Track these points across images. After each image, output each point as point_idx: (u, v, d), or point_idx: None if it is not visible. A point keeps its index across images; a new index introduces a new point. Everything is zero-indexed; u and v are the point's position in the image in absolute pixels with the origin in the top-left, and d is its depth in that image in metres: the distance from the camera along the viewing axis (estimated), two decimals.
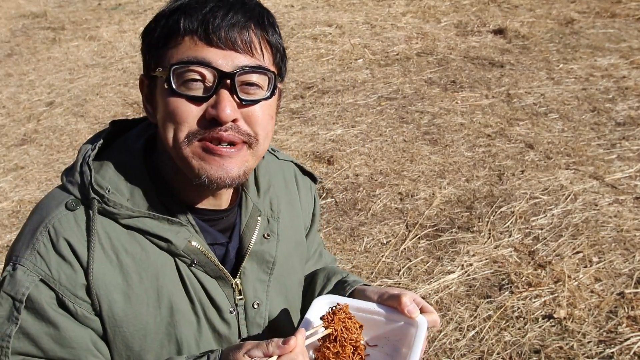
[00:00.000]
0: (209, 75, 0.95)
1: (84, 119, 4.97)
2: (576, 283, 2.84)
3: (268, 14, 1.03)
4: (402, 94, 4.94)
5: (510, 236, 3.19)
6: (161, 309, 1.04)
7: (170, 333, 1.06)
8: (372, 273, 3.01)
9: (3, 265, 1.02)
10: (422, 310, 1.12)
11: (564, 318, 2.64)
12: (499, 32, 6.13)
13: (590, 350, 2.48)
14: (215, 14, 0.95)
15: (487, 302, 2.78)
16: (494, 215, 3.36)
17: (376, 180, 3.78)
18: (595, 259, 2.98)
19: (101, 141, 1.06)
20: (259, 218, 1.15)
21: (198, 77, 0.95)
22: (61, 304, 0.97)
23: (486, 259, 3.04)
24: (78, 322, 0.99)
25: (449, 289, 2.88)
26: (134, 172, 1.03)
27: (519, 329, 2.62)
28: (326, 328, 1.04)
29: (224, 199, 1.11)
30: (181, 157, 0.98)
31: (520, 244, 3.13)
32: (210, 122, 0.96)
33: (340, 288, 1.24)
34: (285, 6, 7.33)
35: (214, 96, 0.96)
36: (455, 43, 5.95)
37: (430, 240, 3.22)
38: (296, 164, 1.33)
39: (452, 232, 3.26)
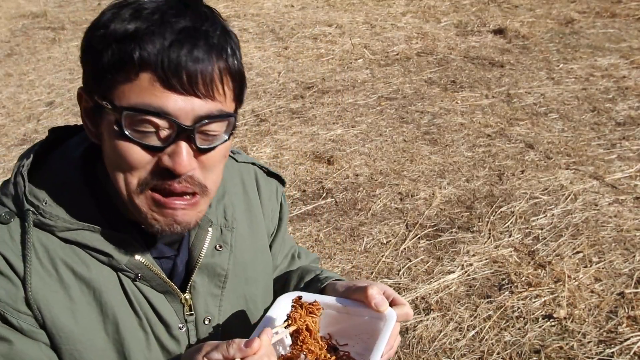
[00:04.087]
0: (166, 126, 0.86)
1: None
2: (576, 283, 2.84)
3: (230, 39, 0.91)
4: (402, 94, 4.94)
5: (510, 236, 3.19)
6: (106, 324, 0.99)
7: (119, 350, 1.00)
8: (372, 273, 3.01)
9: None
10: (392, 303, 1.04)
11: (564, 318, 2.64)
12: (499, 32, 6.13)
13: (590, 350, 2.48)
14: (178, 51, 0.83)
15: (487, 302, 2.78)
16: (494, 215, 3.36)
17: (376, 180, 3.78)
18: (595, 259, 2.99)
19: (37, 149, 1.00)
20: (209, 229, 1.08)
21: (152, 128, 0.86)
22: (4, 321, 0.92)
23: (486, 259, 3.04)
24: (26, 337, 0.94)
25: (449, 289, 2.88)
26: (72, 183, 0.98)
27: (519, 329, 2.62)
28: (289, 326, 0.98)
29: None
30: (133, 204, 0.92)
31: (520, 244, 3.13)
32: (164, 172, 0.89)
33: (314, 287, 1.17)
34: (285, 6, 7.33)
35: (171, 145, 0.88)
36: (455, 43, 5.95)
37: (430, 240, 3.22)
38: (260, 166, 1.25)
39: (452, 232, 3.26)
